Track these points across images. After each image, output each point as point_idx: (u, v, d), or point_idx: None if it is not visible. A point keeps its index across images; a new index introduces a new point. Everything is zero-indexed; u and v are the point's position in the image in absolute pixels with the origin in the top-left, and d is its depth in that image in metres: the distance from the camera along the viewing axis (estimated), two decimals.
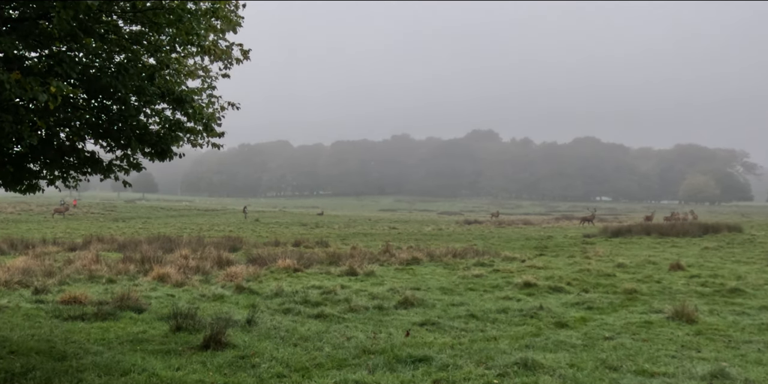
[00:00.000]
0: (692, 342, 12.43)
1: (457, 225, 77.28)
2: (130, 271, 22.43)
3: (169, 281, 20.12)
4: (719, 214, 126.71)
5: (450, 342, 12.33)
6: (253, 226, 66.52)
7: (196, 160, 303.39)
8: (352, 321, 14.63)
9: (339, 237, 48.07)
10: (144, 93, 10.66)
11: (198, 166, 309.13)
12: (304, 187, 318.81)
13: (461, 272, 23.48)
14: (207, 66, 12.84)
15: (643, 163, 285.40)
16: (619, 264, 25.95)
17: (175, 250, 29.33)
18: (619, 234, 46.07)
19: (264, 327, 13.52)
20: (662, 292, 19.17)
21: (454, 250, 31.36)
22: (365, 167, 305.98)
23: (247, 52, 12.57)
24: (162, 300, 17.23)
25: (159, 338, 12.43)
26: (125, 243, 33.91)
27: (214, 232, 54.36)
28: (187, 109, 11.47)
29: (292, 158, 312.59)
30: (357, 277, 22.26)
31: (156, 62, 11.04)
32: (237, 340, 12.06)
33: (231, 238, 39.30)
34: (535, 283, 19.98)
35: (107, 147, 11.79)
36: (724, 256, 29.96)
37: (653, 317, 14.99)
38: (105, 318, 14.26)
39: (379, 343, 12.13)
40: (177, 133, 11.75)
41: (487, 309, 16.12)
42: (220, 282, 20.59)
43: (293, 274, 23.06)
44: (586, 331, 13.49)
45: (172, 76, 11.57)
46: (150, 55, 11.05)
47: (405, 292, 17.76)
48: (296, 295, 17.69)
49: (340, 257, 27.42)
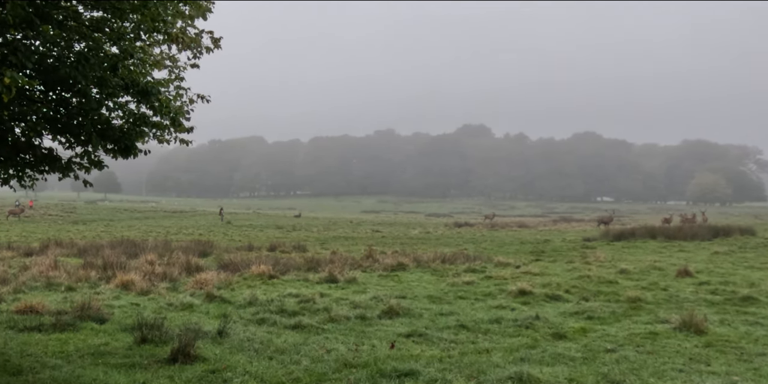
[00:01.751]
0: (701, 355, 12.44)
1: (446, 228, 77.41)
2: (92, 278, 22.35)
3: (134, 289, 20.06)
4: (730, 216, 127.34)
5: (438, 355, 12.34)
6: (224, 229, 66.46)
7: (162, 157, 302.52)
8: (332, 332, 14.61)
9: (318, 241, 48.08)
10: (106, 85, 10.63)
11: (165, 164, 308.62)
12: (280, 187, 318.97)
13: (451, 279, 23.46)
14: (174, 55, 12.83)
15: (647, 161, 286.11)
16: (622, 270, 25.99)
17: (140, 255, 29.25)
18: (621, 237, 46.08)
19: (236, 338, 13.49)
20: (669, 300, 19.22)
21: (442, 255, 31.35)
22: (346, 165, 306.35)
23: (218, 40, 12.57)
24: (126, 309, 17.18)
25: (122, 351, 12.38)
26: (86, 247, 33.80)
27: (183, 235, 54.28)
28: (153, 102, 11.44)
29: (267, 155, 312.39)
30: (337, 285, 22.26)
31: (119, 51, 10.98)
32: (207, 352, 12.03)
33: (201, 243, 39.19)
34: (530, 290, 20.00)
35: (66, 143, 11.74)
36: (736, 262, 30.05)
37: (659, 328, 15.01)
38: (64, 329, 14.19)
39: (361, 355, 12.13)
40: (142, 128, 11.74)
41: (478, 319, 16.13)
42: (188, 290, 20.53)
43: (268, 281, 23.03)
44: (586, 342, 13.50)
45: (137, 67, 11.54)
46: (113, 44, 11.00)
47: (390, 301, 17.77)
48: (271, 304, 17.67)
49: (319, 263, 27.38)
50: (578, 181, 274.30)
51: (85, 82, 10.33)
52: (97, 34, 10.67)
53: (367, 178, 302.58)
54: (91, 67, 10.26)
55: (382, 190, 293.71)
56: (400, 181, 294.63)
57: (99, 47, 10.68)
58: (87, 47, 10.56)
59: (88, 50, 10.48)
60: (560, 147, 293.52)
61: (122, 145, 11.59)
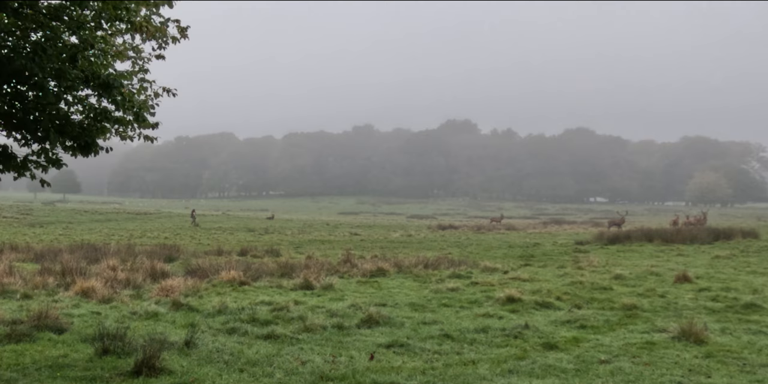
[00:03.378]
0: (701, 366, 12.50)
1: (429, 230, 77.44)
2: (49, 285, 22.24)
3: (95, 296, 19.98)
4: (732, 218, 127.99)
5: (421, 366, 12.36)
6: (192, 233, 66.27)
7: (125, 155, 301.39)
8: (307, 342, 14.61)
9: (292, 245, 48.07)
10: (65, 77, 10.60)
11: (128, 162, 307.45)
12: (252, 187, 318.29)
13: (434, 285, 23.50)
14: (138, 45, 12.83)
15: (644, 159, 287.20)
16: (617, 275, 26.04)
17: (101, 260, 29.11)
18: (616, 241, 46.16)
19: (205, 349, 13.48)
20: (666, 307, 19.28)
21: (425, 259, 31.38)
22: (323, 164, 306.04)
23: (185, 29, 12.55)
24: (86, 318, 17.12)
25: (83, 363, 12.33)
26: (43, 252, 33.66)
27: (147, 239, 54.15)
28: (115, 96, 11.40)
29: (238, 153, 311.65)
30: (313, 292, 22.25)
31: (79, 41, 10.95)
32: (174, 364, 12.01)
33: (166, 247, 39.13)
34: (519, 297, 20.03)
35: (22, 140, 11.68)
36: (738, 266, 30.15)
37: (656, 337, 15.08)
38: (19, 340, 14.13)
39: (338, 368, 12.14)
40: (103, 124, 11.71)
41: (463, 328, 16.17)
42: (153, 297, 20.48)
43: (239, 287, 22.98)
44: (579, 353, 13.55)
45: (98, 58, 11.51)
46: (72, 33, 10.96)
47: (369, 309, 17.77)
48: (242, 313, 17.66)
49: (293, 268, 27.36)
50: (570, 181, 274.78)
51: (42, 74, 10.29)
52: (55, 23, 10.63)
53: (344, 177, 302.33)
54: (48, 58, 10.22)
55: (361, 190, 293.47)
56: (379, 180, 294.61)
57: (57, 37, 10.64)
58: (44, 37, 10.52)
59: (45, 40, 10.44)
60: (551, 144, 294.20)
61: (82, 142, 11.55)
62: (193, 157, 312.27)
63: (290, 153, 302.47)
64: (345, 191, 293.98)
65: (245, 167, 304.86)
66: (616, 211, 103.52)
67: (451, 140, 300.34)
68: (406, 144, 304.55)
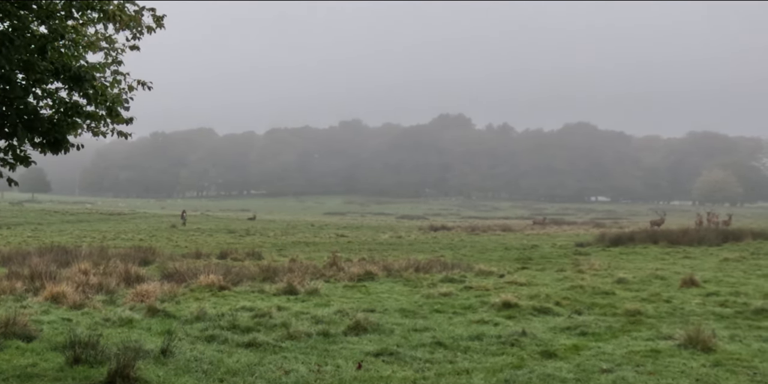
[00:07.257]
0: (709, 375, 12.49)
1: (420, 232, 77.57)
2: (17, 290, 22.18)
3: (65, 302, 19.94)
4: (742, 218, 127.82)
5: (412, 376, 12.37)
6: (168, 234, 66.21)
7: (98, 152, 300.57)
8: (291, 351, 14.60)
9: (275, 247, 48.11)
10: (33, 69, 10.58)
11: (101, 160, 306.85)
12: (232, 186, 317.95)
13: (425, 290, 23.52)
14: (111, 36, 12.79)
15: (648, 155, 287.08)
16: (620, 279, 26.05)
17: (72, 263, 29.05)
18: (619, 242, 46.25)
19: (182, 358, 13.45)
20: (672, 313, 19.31)
21: (416, 262, 31.40)
22: (307, 161, 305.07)
23: (161, 19, 12.52)
24: (56, 325, 17.08)
25: (53, 373, 12.31)
26: (11, 255, 33.62)
27: (121, 241, 54.13)
28: (87, 90, 11.39)
29: (218, 150, 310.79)
30: (297, 297, 22.24)
31: (48, 31, 10.94)
32: (149, 374, 11.99)
33: (141, 249, 39.03)
34: (516, 303, 20.04)
35: None
36: (748, 270, 30.21)
37: (661, 345, 15.08)
38: None
39: (324, 377, 12.14)
40: (74, 119, 11.70)
41: (457, 335, 16.18)
42: (128, 303, 20.42)
43: (218, 292, 22.98)
44: (579, 362, 13.55)
45: (69, 49, 11.50)
46: (41, 23, 10.95)
47: (356, 315, 17.76)
48: (222, 319, 17.64)
49: (276, 272, 27.35)
50: (570, 179, 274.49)
51: (9, 66, 10.27)
52: (23, 12, 10.61)
53: (331, 175, 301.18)
54: (15, 49, 10.20)
55: (348, 189, 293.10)
56: (368, 178, 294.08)
57: (25, 26, 10.62)
58: (11, 26, 10.50)
59: (12, 30, 10.42)
60: (550, 139, 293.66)
61: (52, 138, 11.53)
62: (170, 154, 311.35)
63: (273, 150, 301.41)
64: (331, 190, 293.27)
65: (225, 165, 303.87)
66: (655, 211, 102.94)
67: (444, 136, 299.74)
68: (396, 140, 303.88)
